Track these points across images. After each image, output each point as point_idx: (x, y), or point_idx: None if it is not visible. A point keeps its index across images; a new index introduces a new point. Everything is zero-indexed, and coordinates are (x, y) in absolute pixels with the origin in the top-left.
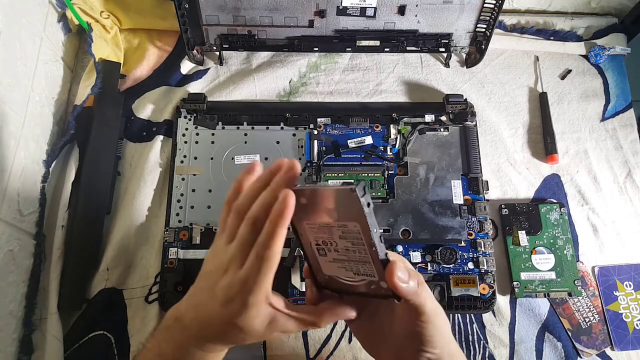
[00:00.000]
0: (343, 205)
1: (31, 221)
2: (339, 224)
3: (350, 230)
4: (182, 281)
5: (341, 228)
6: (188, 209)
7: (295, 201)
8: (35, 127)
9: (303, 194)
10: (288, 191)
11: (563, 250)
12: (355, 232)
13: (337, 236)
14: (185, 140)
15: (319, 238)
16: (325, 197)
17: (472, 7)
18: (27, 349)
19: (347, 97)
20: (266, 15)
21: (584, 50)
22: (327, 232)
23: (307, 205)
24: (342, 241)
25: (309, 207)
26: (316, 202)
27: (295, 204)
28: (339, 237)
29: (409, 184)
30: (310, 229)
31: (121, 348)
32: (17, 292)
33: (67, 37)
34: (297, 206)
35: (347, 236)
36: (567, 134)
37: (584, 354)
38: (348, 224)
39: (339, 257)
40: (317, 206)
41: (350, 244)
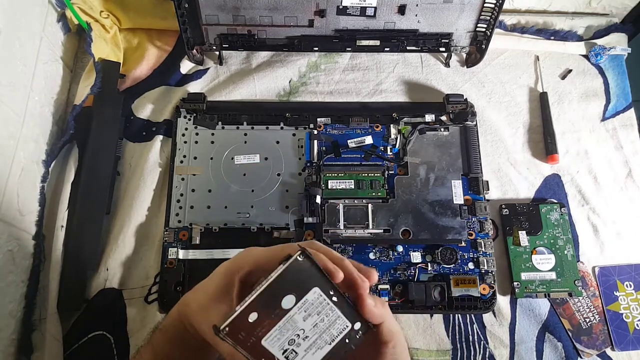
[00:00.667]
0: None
1: (31, 221)
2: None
3: (311, 301)
4: (181, 281)
5: (302, 308)
6: (188, 209)
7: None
8: (34, 127)
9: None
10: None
11: (563, 250)
12: (316, 298)
13: (301, 320)
14: (185, 140)
15: (285, 342)
16: (275, 291)
17: (472, 7)
18: (27, 349)
19: (347, 97)
20: (266, 14)
21: (584, 50)
22: (290, 327)
23: (259, 318)
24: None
25: (262, 317)
26: (268, 304)
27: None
28: (303, 320)
29: (409, 184)
30: (272, 341)
31: (121, 348)
32: (16, 292)
33: (67, 37)
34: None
35: (310, 312)
36: (567, 133)
37: (584, 354)
38: (307, 297)
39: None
40: (270, 308)
41: (316, 315)
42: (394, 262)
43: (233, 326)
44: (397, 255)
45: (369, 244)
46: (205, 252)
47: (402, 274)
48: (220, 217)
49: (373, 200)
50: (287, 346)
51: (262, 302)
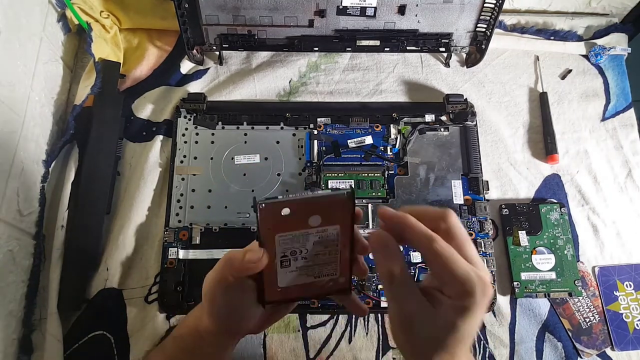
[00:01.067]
0: (331, 211)
1: (31, 221)
2: (319, 229)
3: (328, 234)
4: (181, 281)
5: (320, 233)
6: (188, 209)
7: (275, 214)
8: (34, 127)
9: (288, 205)
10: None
11: (563, 250)
12: (333, 234)
13: (312, 242)
14: (185, 140)
15: (289, 249)
16: (315, 206)
17: (472, 7)
18: (27, 349)
19: (347, 97)
20: (266, 15)
21: (584, 50)
22: (301, 240)
23: (289, 216)
24: (315, 246)
25: (291, 217)
26: (303, 211)
27: (275, 216)
28: (313, 243)
29: (409, 184)
30: (282, 241)
31: (121, 348)
32: (16, 292)
33: (67, 37)
34: (276, 219)
35: (322, 240)
36: (567, 133)
37: (584, 354)
38: (329, 228)
39: (305, 264)
40: (302, 216)
41: (323, 247)
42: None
43: (268, 206)
44: None
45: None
46: (206, 252)
47: None
48: (220, 217)
49: (373, 200)
50: (288, 254)
51: (300, 208)
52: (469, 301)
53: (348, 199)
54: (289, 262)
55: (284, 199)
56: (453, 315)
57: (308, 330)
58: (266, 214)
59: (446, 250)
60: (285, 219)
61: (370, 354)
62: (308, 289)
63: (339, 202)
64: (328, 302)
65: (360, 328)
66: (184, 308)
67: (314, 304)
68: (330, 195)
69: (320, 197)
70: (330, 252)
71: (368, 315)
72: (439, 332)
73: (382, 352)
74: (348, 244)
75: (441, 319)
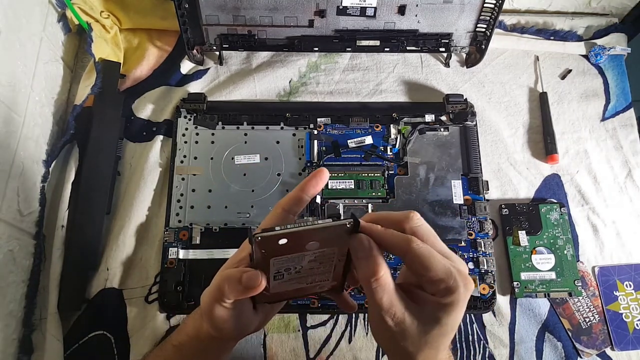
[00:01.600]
0: (331, 238)
1: (31, 221)
2: (316, 252)
3: (325, 253)
4: (182, 281)
5: (316, 254)
6: (188, 209)
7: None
8: (35, 127)
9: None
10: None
11: (563, 250)
12: (329, 253)
13: (307, 261)
14: (185, 140)
15: (283, 267)
16: (314, 235)
17: (472, 7)
18: (27, 349)
19: (347, 97)
20: (266, 15)
21: (584, 50)
22: (296, 260)
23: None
24: (310, 263)
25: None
26: (301, 240)
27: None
28: (309, 262)
29: (409, 184)
30: (277, 263)
31: (121, 348)
32: (17, 292)
33: (67, 37)
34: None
35: (318, 258)
36: (567, 133)
37: (584, 354)
38: (326, 250)
39: (298, 276)
40: (300, 243)
41: (318, 263)
42: (394, 262)
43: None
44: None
45: None
46: (206, 252)
47: None
48: (220, 217)
49: (373, 200)
50: (282, 271)
51: (297, 237)
52: (453, 297)
53: (351, 229)
54: (282, 276)
55: (281, 231)
56: (438, 311)
57: (308, 330)
58: (262, 247)
59: (424, 249)
60: (282, 247)
61: (370, 353)
62: (299, 291)
63: (341, 230)
64: (328, 302)
65: (360, 328)
66: (184, 308)
67: (313, 304)
68: (331, 226)
69: (321, 227)
70: (324, 266)
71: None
72: (425, 328)
73: (382, 352)
74: (344, 259)
75: (426, 316)
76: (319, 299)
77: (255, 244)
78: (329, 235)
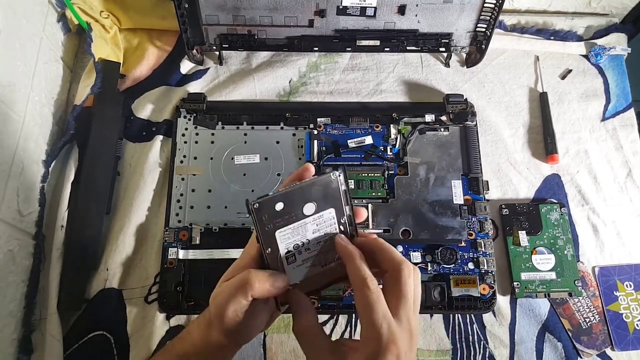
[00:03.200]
0: (323, 195)
1: (31, 221)
2: (315, 217)
3: (325, 219)
4: (181, 281)
5: (316, 221)
6: (188, 209)
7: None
8: (34, 127)
9: (280, 199)
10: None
11: (563, 250)
12: (329, 219)
13: (311, 232)
14: (185, 140)
15: (291, 244)
16: (306, 193)
17: (472, 7)
18: (27, 349)
19: (347, 97)
20: (266, 15)
21: (584, 50)
22: (301, 232)
23: (284, 209)
24: (315, 235)
25: (286, 210)
26: (296, 201)
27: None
28: (312, 232)
29: (409, 184)
30: (283, 237)
31: (121, 348)
32: (16, 292)
33: (67, 37)
34: (271, 216)
35: (320, 227)
36: (567, 133)
37: (584, 354)
38: (324, 213)
39: (309, 255)
40: (296, 206)
41: (323, 234)
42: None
43: (261, 205)
44: None
45: None
46: (205, 252)
47: None
48: (220, 217)
49: (373, 200)
50: (292, 249)
51: (291, 198)
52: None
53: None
54: (294, 257)
55: (275, 194)
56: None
57: None
58: (261, 213)
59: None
60: (281, 213)
61: None
62: (319, 279)
63: (328, 183)
64: (328, 302)
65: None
66: (184, 308)
67: (314, 304)
68: (318, 180)
69: (308, 183)
70: (330, 238)
71: None
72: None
73: None
74: (346, 224)
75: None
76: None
77: (254, 212)
78: (321, 192)
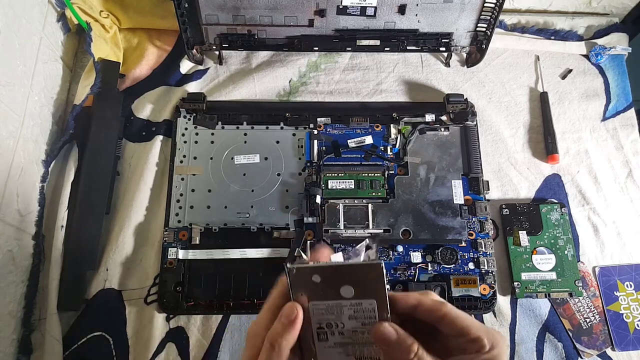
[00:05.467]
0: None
1: (30, 221)
2: (353, 302)
3: (364, 308)
4: (181, 281)
5: (354, 307)
6: (187, 209)
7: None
8: (34, 126)
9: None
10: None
11: (564, 250)
12: (369, 310)
13: (347, 316)
14: (185, 140)
15: (324, 320)
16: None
17: (472, 7)
18: (26, 349)
19: (347, 97)
20: (266, 14)
21: (584, 49)
22: (335, 312)
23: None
24: (351, 322)
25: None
26: (333, 279)
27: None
28: (349, 318)
29: (410, 184)
30: (316, 310)
31: (120, 349)
32: (16, 292)
33: (67, 37)
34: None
35: (358, 315)
36: (567, 133)
37: (584, 354)
38: (363, 302)
39: (343, 340)
40: (333, 283)
41: (360, 324)
42: (394, 262)
43: (299, 272)
44: (397, 255)
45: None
46: (205, 252)
47: (403, 274)
48: (220, 217)
49: (373, 200)
50: (324, 327)
51: (329, 275)
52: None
53: (377, 267)
54: (325, 335)
55: (314, 265)
56: None
57: None
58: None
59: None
60: (317, 286)
61: None
62: None
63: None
64: None
65: None
66: (184, 308)
67: None
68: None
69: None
70: (368, 332)
71: None
72: None
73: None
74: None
75: None
76: None
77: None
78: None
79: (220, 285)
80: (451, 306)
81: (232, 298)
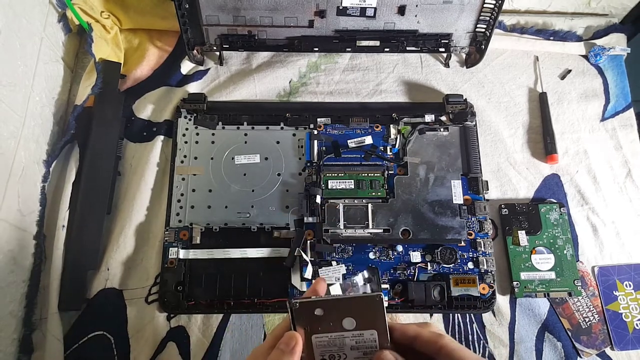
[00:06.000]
0: (364, 313)
1: (31, 221)
2: (355, 333)
3: (365, 339)
4: (182, 281)
5: (356, 338)
6: (188, 209)
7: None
8: (35, 127)
9: (320, 305)
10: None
11: (563, 250)
12: (370, 340)
13: (349, 347)
14: (186, 140)
15: (327, 352)
16: (347, 306)
17: (472, 7)
18: (27, 348)
19: (347, 97)
20: (266, 15)
21: (583, 50)
22: (338, 343)
23: (322, 316)
24: (354, 352)
25: (324, 318)
26: (335, 311)
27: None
28: (351, 348)
29: (409, 184)
30: (319, 343)
31: (121, 349)
32: (17, 292)
33: (68, 37)
34: (309, 319)
35: (360, 346)
36: (566, 134)
37: (583, 353)
38: (364, 332)
39: None
40: (335, 316)
41: (362, 353)
42: (394, 261)
43: (302, 307)
44: (397, 255)
45: (369, 243)
46: (206, 251)
47: (402, 273)
48: (220, 216)
49: (373, 200)
50: (327, 358)
51: (332, 308)
52: None
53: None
54: None
55: (316, 299)
56: None
57: None
58: (300, 314)
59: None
60: (320, 319)
61: None
62: None
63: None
64: None
65: None
66: (184, 308)
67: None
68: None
69: (350, 297)
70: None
71: None
72: None
73: None
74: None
75: None
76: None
77: (293, 312)
78: (361, 309)
79: (220, 285)
80: (449, 338)
81: (232, 297)
